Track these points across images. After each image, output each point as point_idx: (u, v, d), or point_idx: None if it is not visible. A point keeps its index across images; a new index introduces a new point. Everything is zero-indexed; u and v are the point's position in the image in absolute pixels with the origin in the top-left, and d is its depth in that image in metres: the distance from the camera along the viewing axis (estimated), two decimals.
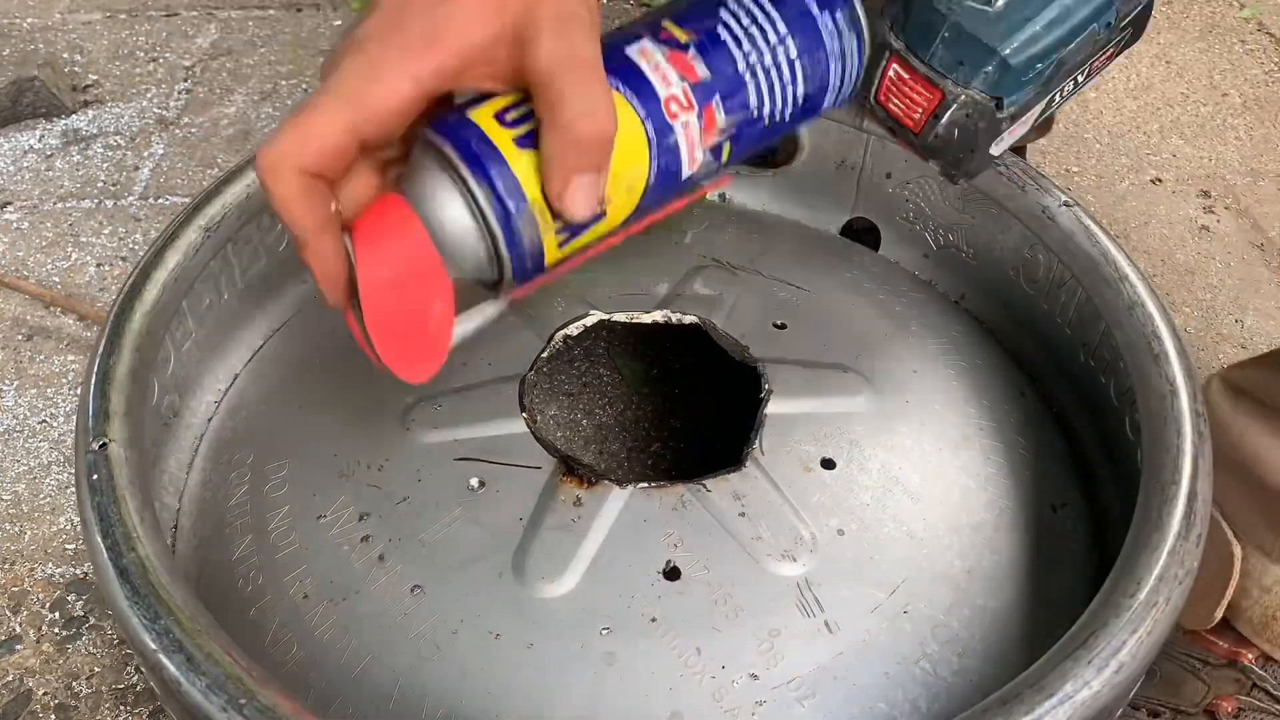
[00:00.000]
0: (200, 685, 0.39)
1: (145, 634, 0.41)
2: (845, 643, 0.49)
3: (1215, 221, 1.07)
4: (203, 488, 0.58)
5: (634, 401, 0.63)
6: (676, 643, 0.49)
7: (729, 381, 0.62)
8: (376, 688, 0.48)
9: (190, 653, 0.40)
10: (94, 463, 0.46)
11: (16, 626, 0.67)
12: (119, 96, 1.16)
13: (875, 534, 0.53)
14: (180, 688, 0.40)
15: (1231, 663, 0.56)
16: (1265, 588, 0.55)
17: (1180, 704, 0.55)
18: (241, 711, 0.39)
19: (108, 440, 0.47)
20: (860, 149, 0.71)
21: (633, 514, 0.53)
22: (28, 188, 1.04)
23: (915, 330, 0.65)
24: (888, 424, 0.58)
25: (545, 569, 0.51)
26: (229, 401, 0.63)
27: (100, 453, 0.47)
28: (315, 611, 0.51)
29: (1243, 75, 1.25)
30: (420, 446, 0.56)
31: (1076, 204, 0.61)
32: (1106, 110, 1.19)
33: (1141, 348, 0.54)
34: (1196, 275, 1.02)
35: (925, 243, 0.72)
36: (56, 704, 0.64)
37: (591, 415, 0.61)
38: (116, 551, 0.43)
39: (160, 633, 0.41)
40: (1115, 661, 0.41)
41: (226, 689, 0.39)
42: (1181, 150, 1.15)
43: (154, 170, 1.07)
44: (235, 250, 0.63)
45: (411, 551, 0.52)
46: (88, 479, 0.46)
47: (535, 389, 0.59)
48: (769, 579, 0.51)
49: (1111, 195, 1.09)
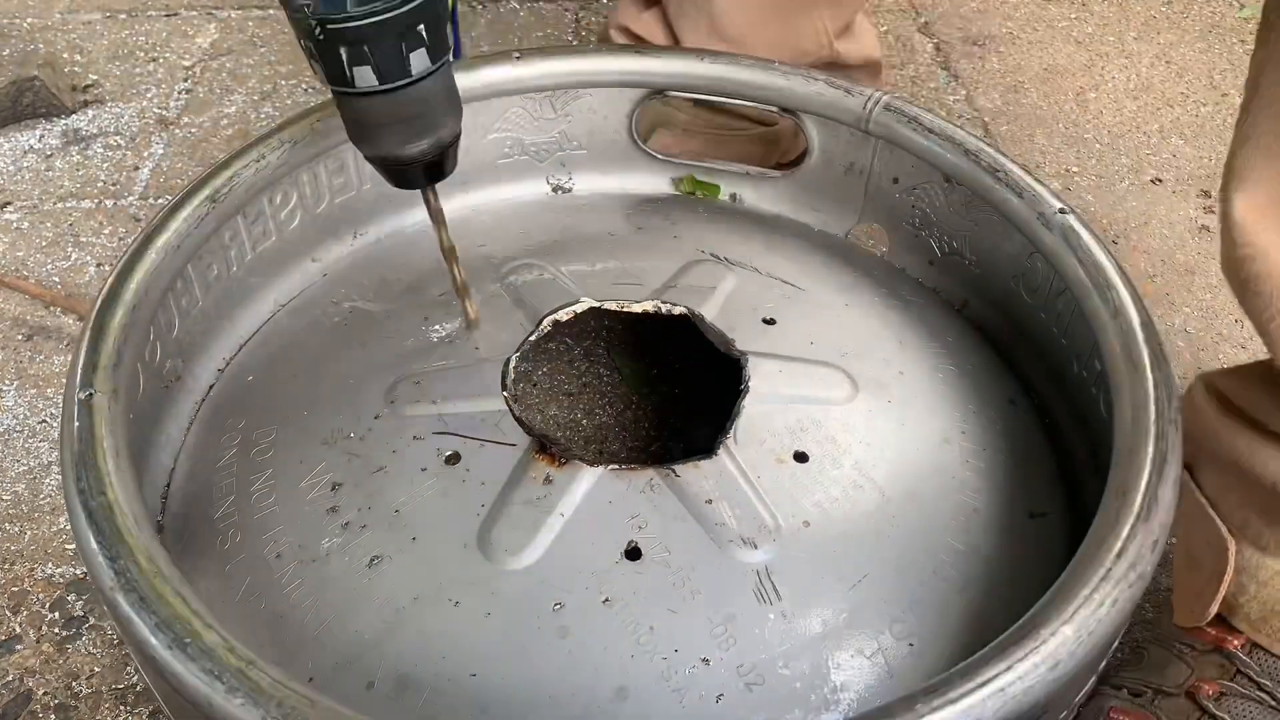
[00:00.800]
0: (150, 624, 0.41)
1: (105, 573, 0.43)
2: (800, 632, 0.50)
3: (1215, 221, 1.06)
4: (196, 449, 0.60)
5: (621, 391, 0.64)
6: (631, 621, 0.49)
7: (716, 373, 0.63)
8: (336, 649, 0.49)
9: (144, 592, 0.42)
10: (77, 410, 0.48)
11: (16, 626, 0.68)
12: (119, 96, 1.16)
13: (841, 528, 0.53)
14: (132, 625, 0.41)
15: (1218, 649, 0.55)
16: (1262, 582, 0.54)
17: (1163, 685, 0.55)
18: (186, 650, 0.40)
19: (94, 391, 0.49)
20: (868, 153, 0.72)
21: (601, 494, 0.53)
22: (28, 188, 1.05)
23: (908, 333, 0.65)
24: (866, 422, 0.58)
25: (509, 542, 0.52)
26: (231, 370, 0.65)
27: (85, 402, 0.49)
28: (285, 571, 0.52)
29: (1243, 75, 1.23)
30: (402, 419, 0.57)
31: (1072, 211, 0.61)
32: (1106, 110, 1.18)
33: (1121, 353, 0.53)
34: (1196, 275, 1.01)
35: (930, 249, 0.72)
36: (56, 704, 0.65)
37: (577, 401, 0.62)
38: (87, 495, 0.45)
39: (118, 571, 0.42)
40: (1052, 659, 0.41)
41: (173, 628, 0.41)
42: (1181, 150, 1.13)
43: (154, 170, 1.07)
44: (246, 224, 0.65)
45: (382, 519, 0.53)
46: (69, 425, 0.48)
47: (520, 371, 0.60)
48: (729, 564, 0.51)
49: (1111, 195, 1.08)
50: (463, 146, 0.73)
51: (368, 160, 0.54)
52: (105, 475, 0.46)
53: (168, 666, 0.40)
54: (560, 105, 0.75)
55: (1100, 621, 0.42)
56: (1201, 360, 0.93)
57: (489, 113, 0.73)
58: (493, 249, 0.70)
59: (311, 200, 0.69)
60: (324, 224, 0.71)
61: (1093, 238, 0.59)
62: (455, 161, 0.55)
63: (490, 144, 0.75)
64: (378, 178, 0.56)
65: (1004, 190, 0.63)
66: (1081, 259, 0.58)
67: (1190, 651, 0.56)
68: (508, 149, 0.76)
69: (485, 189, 0.76)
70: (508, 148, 0.76)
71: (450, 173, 0.55)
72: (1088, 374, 0.61)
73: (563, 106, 0.75)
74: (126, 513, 0.45)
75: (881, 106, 0.68)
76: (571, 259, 0.69)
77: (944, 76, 1.22)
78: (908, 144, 0.68)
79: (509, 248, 0.70)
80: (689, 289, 0.65)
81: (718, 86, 0.72)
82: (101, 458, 0.46)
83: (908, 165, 0.70)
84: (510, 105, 0.74)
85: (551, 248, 0.70)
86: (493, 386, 0.58)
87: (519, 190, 0.77)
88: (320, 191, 0.69)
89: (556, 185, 0.78)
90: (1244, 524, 0.55)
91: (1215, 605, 0.55)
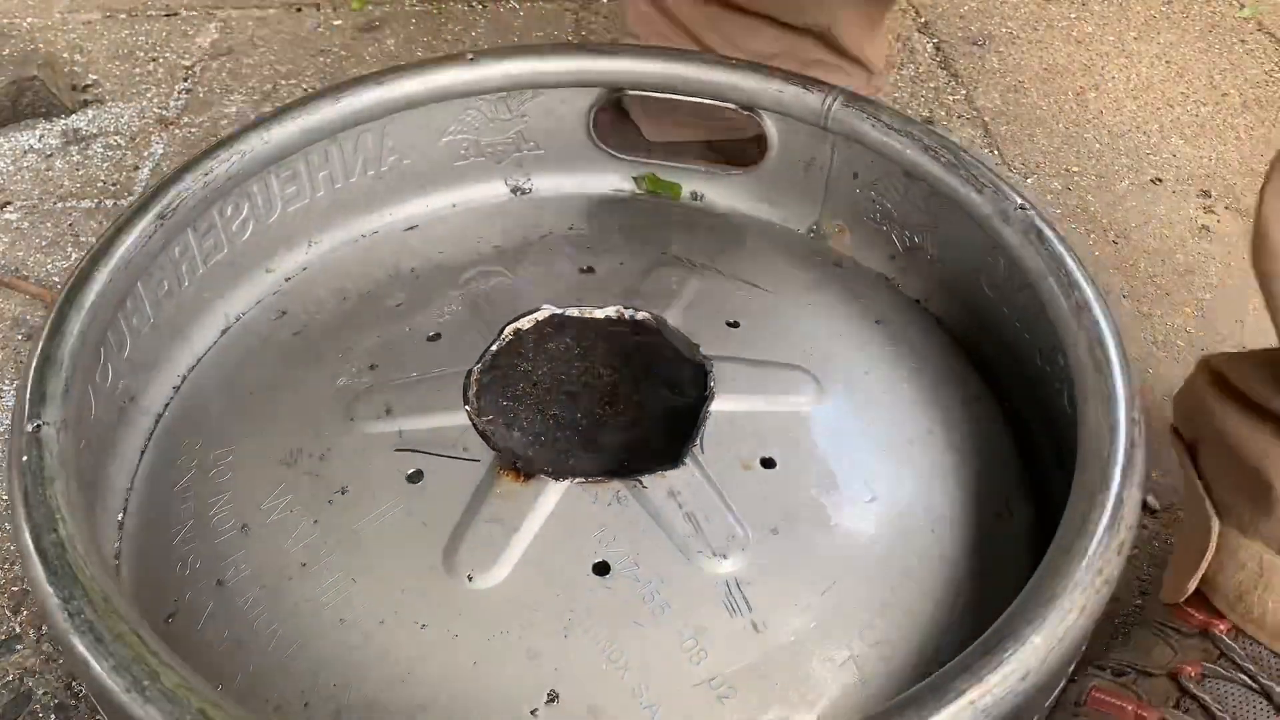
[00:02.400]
0: (106, 666, 0.40)
1: (59, 613, 0.42)
2: (771, 642, 0.49)
3: (1215, 221, 1.06)
4: (152, 472, 0.59)
5: (585, 398, 0.63)
6: (600, 637, 0.49)
7: (680, 378, 0.62)
8: (302, 675, 0.49)
9: (100, 633, 0.41)
10: (25, 444, 0.47)
11: (16, 626, 0.67)
12: (119, 96, 1.16)
13: (810, 534, 0.53)
14: (89, 668, 0.40)
15: (1203, 633, 0.56)
16: (1240, 563, 0.55)
17: (1148, 666, 0.55)
18: (144, 694, 0.39)
19: (41, 423, 0.48)
20: (827, 149, 0.71)
21: (568, 508, 0.53)
22: (27, 187, 1.04)
23: (872, 332, 0.65)
24: (833, 424, 0.58)
25: (475, 561, 0.51)
26: (186, 388, 0.64)
27: (33, 434, 0.47)
28: (247, 598, 0.51)
29: (1243, 75, 1.23)
30: (362, 437, 0.56)
31: (1033, 207, 0.60)
32: (1106, 110, 1.18)
33: (1085, 353, 0.53)
34: (1196, 275, 1.01)
35: (892, 244, 0.71)
36: (56, 704, 0.64)
37: (541, 411, 0.61)
38: (38, 532, 0.44)
39: (72, 613, 0.41)
40: (1022, 669, 0.41)
41: (131, 670, 0.40)
42: (1182, 150, 1.14)
43: (154, 170, 1.07)
44: (196, 238, 0.64)
45: (346, 542, 0.52)
46: (17, 460, 0.46)
47: (482, 383, 0.59)
48: (698, 576, 0.51)
49: (1111, 195, 1.08)
50: (419, 149, 0.73)
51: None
52: (56, 511, 0.44)
53: (126, 710, 0.39)
54: (515, 106, 0.73)
55: (1069, 629, 0.42)
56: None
57: (445, 114, 0.72)
58: (451, 255, 0.69)
59: (264, 210, 0.68)
60: (277, 233, 0.69)
61: (1054, 234, 0.59)
62: None
63: (446, 146, 0.74)
64: (330, 185, 0.55)
65: (964, 186, 0.63)
66: (1043, 255, 0.58)
67: (1175, 635, 0.57)
68: (464, 150, 0.75)
69: (443, 192, 0.75)
70: (464, 149, 0.75)
71: None
72: (1050, 369, 0.61)
73: (518, 107, 0.74)
74: (79, 549, 0.44)
75: (840, 103, 0.68)
76: (532, 263, 0.68)
77: (944, 76, 1.22)
78: (866, 140, 0.68)
79: (468, 253, 0.69)
80: (653, 293, 0.64)
81: (674, 85, 0.72)
82: (51, 494, 0.45)
83: (866, 160, 0.69)
84: (466, 107, 0.72)
85: (511, 252, 0.69)
86: (454, 400, 0.57)
87: (477, 193, 0.76)
88: (272, 201, 0.68)
89: (515, 187, 0.77)
90: (1232, 504, 0.56)
91: (1193, 582, 0.56)
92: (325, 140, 0.68)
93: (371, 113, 0.69)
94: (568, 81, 0.72)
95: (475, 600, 0.50)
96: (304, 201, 0.69)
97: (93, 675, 0.40)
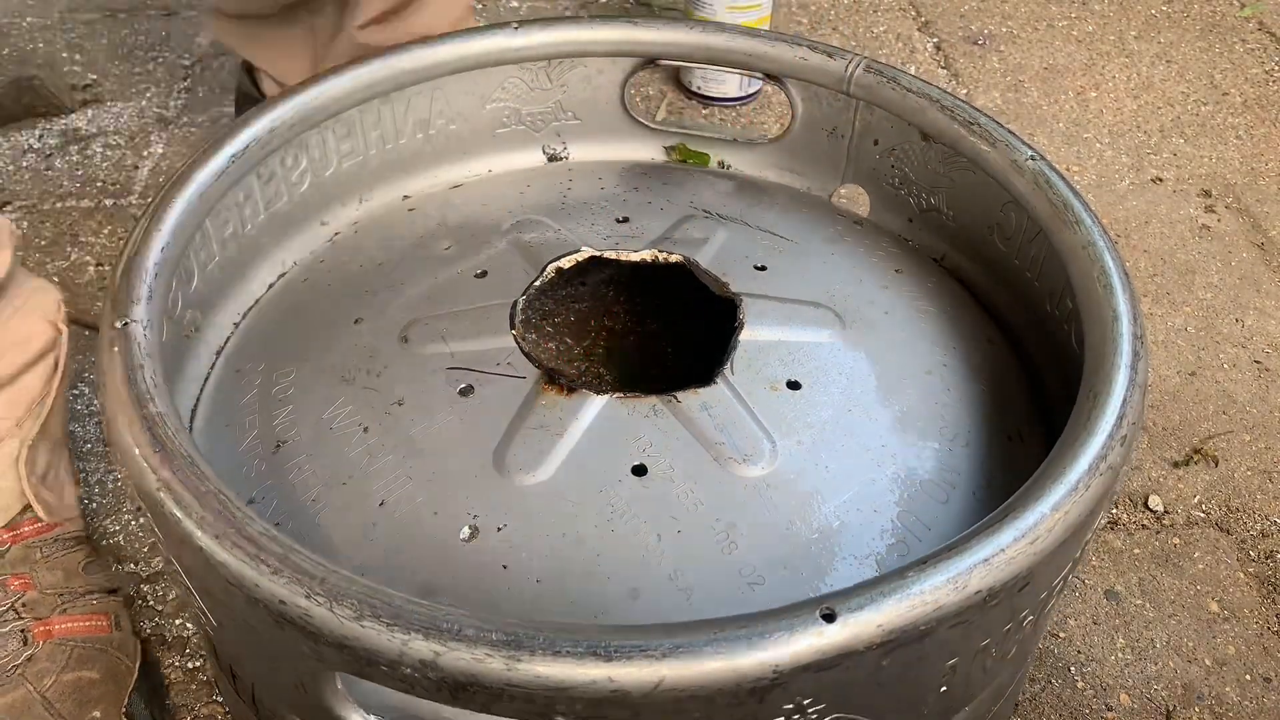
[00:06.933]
0: (195, 518, 0.44)
1: (148, 477, 0.46)
2: (797, 538, 0.53)
3: (1216, 221, 1.09)
4: (216, 393, 0.63)
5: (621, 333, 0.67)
6: (640, 529, 0.52)
7: (710, 316, 0.66)
8: (362, 563, 0.52)
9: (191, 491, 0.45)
10: (115, 336, 0.51)
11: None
12: (119, 96, 1.17)
13: (832, 446, 0.57)
14: (179, 524, 0.44)
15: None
16: None
17: None
18: (230, 539, 0.43)
19: (129, 320, 0.52)
20: (850, 116, 0.76)
21: (607, 419, 0.57)
22: (27, 187, 1.05)
23: (892, 278, 0.69)
24: (853, 354, 0.62)
25: (523, 462, 0.55)
26: (246, 325, 0.68)
27: (121, 330, 0.52)
28: (311, 494, 0.55)
29: (1243, 75, 1.27)
30: (416, 357, 0.60)
31: (1042, 158, 0.65)
32: (1107, 110, 1.22)
33: (1092, 280, 0.57)
34: (1197, 275, 1.04)
35: (910, 207, 0.76)
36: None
37: (580, 341, 0.65)
38: (141, 402, 0.48)
39: (169, 473, 0.45)
40: (1030, 535, 0.44)
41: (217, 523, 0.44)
42: (1182, 150, 1.17)
43: (154, 170, 1.08)
44: (260, 184, 0.68)
45: (403, 446, 0.56)
46: (107, 352, 0.51)
47: (527, 313, 0.63)
48: (729, 479, 0.55)
49: (1112, 194, 1.12)
50: (464, 116, 0.77)
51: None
52: (146, 391, 0.49)
53: (214, 554, 0.43)
54: (556, 75, 0.78)
55: (1075, 503, 0.46)
56: (1202, 360, 0.96)
57: (488, 81, 0.77)
58: (494, 209, 0.74)
59: (320, 164, 0.72)
60: (331, 189, 0.74)
61: (1061, 180, 0.63)
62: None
63: (489, 114, 0.78)
64: (382, 145, 0.58)
65: (978, 141, 0.67)
66: (1052, 199, 0.62)
67: None
68: (505, 119, 0.79)
69: (483, 158, 0.80)
70: (505, 117, 0.79)
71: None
72: (1059, 312, 0.65)
73: (559, 77, 0.78)
74: (168, 423, 0.48)
75: (862, 69, 0.72)
76: (569, 217, 0.72)
77: (944, 75, 1.25)
78: (887, 103, 0.72)
79: (510, 207, 0.73)
80: (683, 240, 0.68)
81: (707, 55, 0.76)
82: (139, 377, 0.49)
83: (887, 126, 0.74)
84: (508, 75, 0.77)
85: (550, 208, 0.74)
86: (501, 326, 0.61)
87: (516, 159, 0.81)
88: (328, 156, 0.72)
89: (552, 155, 0.81)
90: None
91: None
92: (379, 99, 0.73)
93: (419, 74, 0.73)
94: (607, 51, 0.77)
95: (523, 495, 0.54)
96: (358, 159, 0.74)
97: (181, 529, 0.44)
